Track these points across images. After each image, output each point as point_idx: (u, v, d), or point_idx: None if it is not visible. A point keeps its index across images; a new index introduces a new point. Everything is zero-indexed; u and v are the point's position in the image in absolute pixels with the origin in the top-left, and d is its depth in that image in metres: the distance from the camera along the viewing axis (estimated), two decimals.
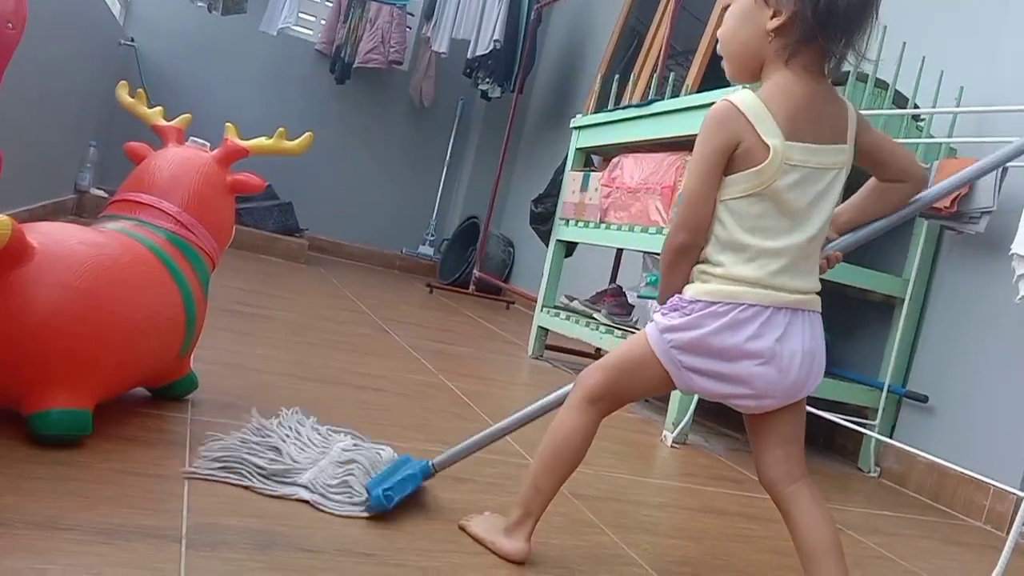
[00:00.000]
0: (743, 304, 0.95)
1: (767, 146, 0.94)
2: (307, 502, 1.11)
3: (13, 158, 2.39)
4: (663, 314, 1.01)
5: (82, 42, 3.34)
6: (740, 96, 0.95)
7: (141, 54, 4.61)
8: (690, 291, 0.99)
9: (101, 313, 1.08)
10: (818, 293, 1.01)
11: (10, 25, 1.29)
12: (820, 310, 1.01)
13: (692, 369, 0.99)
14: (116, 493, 1.00)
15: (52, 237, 1.08)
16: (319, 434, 1.29)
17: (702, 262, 1.00)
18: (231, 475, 1.11)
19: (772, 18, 0.96)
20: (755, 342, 0.95)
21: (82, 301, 1.06)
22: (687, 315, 0.98)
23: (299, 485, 1.13)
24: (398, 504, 1.13)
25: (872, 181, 1.11)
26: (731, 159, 0.96)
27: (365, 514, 1.10)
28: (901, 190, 1.10)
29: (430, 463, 1.23)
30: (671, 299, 1.01)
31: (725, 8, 1.03)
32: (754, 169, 0.95)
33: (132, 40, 4.54)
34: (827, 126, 0.97)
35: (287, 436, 1.24)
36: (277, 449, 1.19)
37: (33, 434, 1.07)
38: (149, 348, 1.19)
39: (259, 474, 1.13)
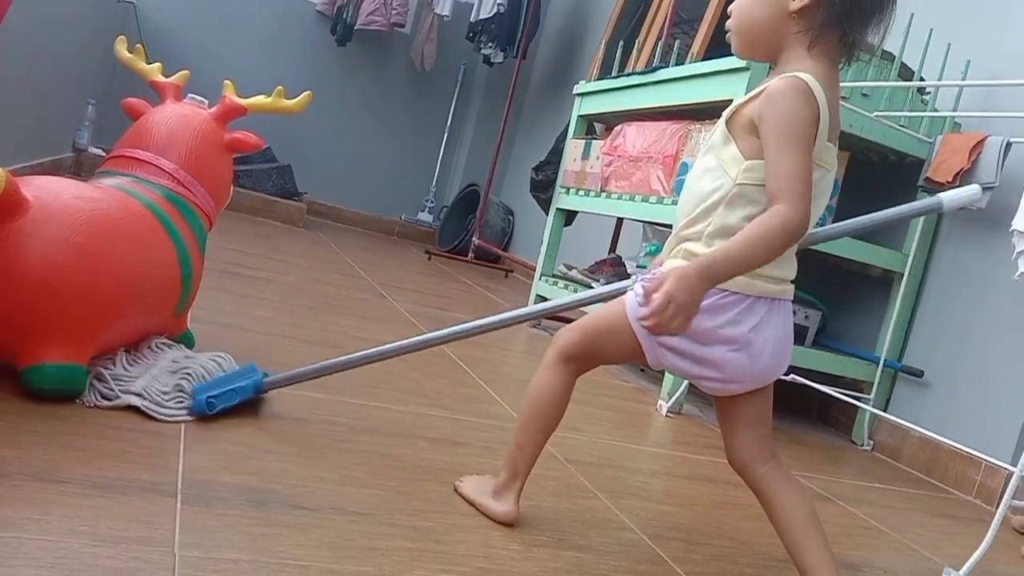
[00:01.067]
0: (725, 291, 0.94)
1: (815, 139, 0.91)
2: (139, 409, 1.13)
3: (10, 115, 2.37)
4: (643, 284, 0.98)
5: (80, 0, 3.29)
6: (810, 79, 0.89)
7: (140, 12, 4.55)
8: (671, 266, 0.96)
9: (95, 268, 1.08)
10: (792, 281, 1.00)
11: None
12: (792, 298, 1.01)
13: (665, 346, 0.98)
14: (112, 448, 1.01)
15: (47, 191, 1.07)
16: (151, 348, 1.28)
17: (691, 240, 0.97)
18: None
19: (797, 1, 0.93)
20: (731, 328, 0.94)
21: (76, 255, 1.06)
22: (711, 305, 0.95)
23: (132, 393, 1.13)
24: (221, 411, 1.18)
25: None
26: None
27: (189, 417, 1.14)
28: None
29: (263, 380, 1.25)
30: (649, 272, 0.99)
31: None
32: None
33: None
34: (837, 124, 0.96)
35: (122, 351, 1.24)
36: (112, 361, 1.19)
37: (28, 388, 1.07)
38: (144, 304, 1.19)
39: (94, 386, 1.13)
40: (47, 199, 1.06)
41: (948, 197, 1.08)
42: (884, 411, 2.17)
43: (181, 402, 1.16)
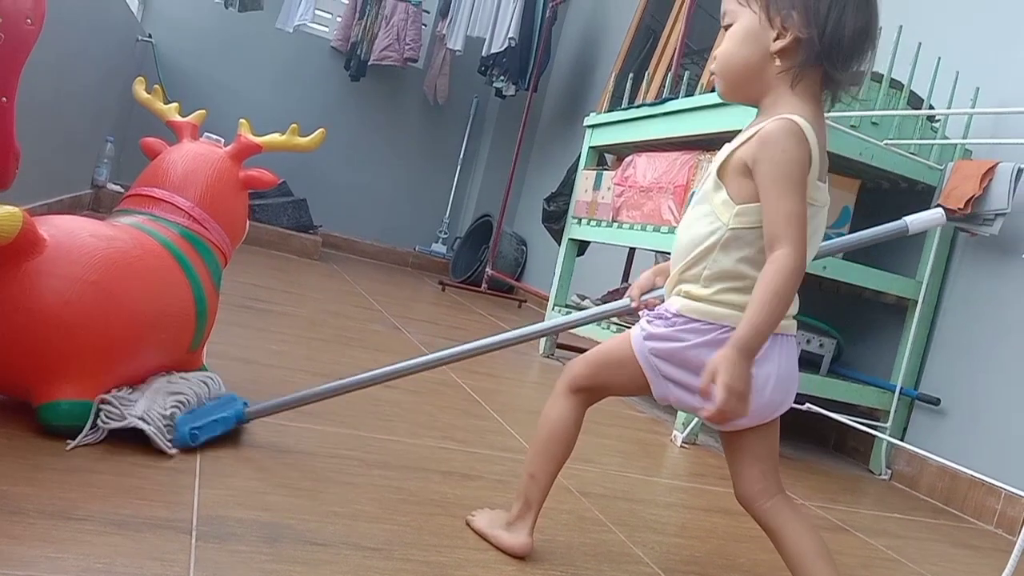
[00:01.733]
0: (726, 326, 0.94)
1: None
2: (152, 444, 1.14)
3: (31, 153, 2.41)
4: (648, 320, 1.00)
5: (100, 38, 3.37)
6: (801, 121, 0.90)
7: (159, 50, 4.65)
8: (675, 305, 0.98)
9: (110, 305, 1.10)
10: (794, 317, 1.00)
11: (29, 21, 1.31)
12: (795, 333, 1.00)
13: (669, 378, 0.99)
14: (128, 485, 1.01)
15: (63, 230, 1.10)
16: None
17: (689, 282, 0.98)
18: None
19: (776, 39, 0.94)
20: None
21: (91, 293, 1.07)
22: (669, 326, 0.98)
23: (135, 416, 1.14)
24: (204, 442, 1.19)
25: None
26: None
27: (174, 450, 1.15)
28: None
29: (244, 410, 1.26)
30: (663, 311, 0.99)
31: (725, 28, 1.00)
32: None
33: (150, 36, 4.58)
34: (826, 162, 0.96)
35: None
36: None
37: (44, 425, 1.08)
38: (159, 341, 1.20)
39: (101, 411, 1.13)
40: (63, 238, 1.08)
41: (912, 220, 1.10)
42: (901, 439, 2.15)
43: (172, 431, 1.17)
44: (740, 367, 0.86)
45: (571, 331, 2.79)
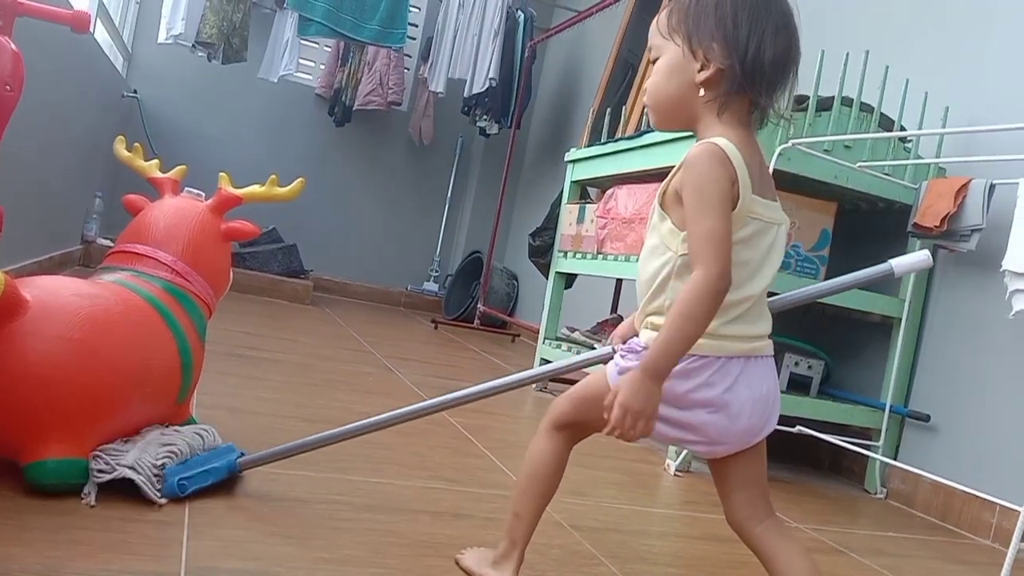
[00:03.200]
0: (694, 356, 0.94)
1: (740, 196, 0.94)
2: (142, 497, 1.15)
3: (19, 212, 2.44)
4: (622, 355, 1.01)
5: (86, 95, 3.41)
6: (723, 142, 0.93)
7: (144, 105, 4.70)
8: (644, 338, 0.99)
9: (94, 363, 1.11)
10: (769, 336, 1.02)
11: (8, 88, 1.33)
12: (772, 353, 1.01)
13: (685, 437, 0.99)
14: (116, 540, 1.02)
15: (46, 290, 1.11)
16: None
17: (655, 314, 0.99)
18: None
19: (700, 71, 0.97)
20: (706, 391, 0.95)
21: (75, 352, 1.09)
22: (640, 359, 0.96)
23: (125, 466, 1.15)
24: (193, 492, 1.19)
25: None
26: None
27: (163, 500, 1.16)
28: None
29: (237, 460, 1.27)
30: (634, 346, 1.00)
31: (653, 62, 1.04)
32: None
33: (135, 92, 4.63)
34: (765, 183, 0.99)
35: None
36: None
37: (31, 484, 1.09)
38: (144, 395, 1.21)
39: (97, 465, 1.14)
40: (46, 298, 1.10)
41: (898, 263, 1.12)
42: (894, 457, 2.16)
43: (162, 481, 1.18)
44: (642, 387, 0.89)
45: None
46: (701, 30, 0.98)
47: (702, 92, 0.98)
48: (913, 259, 1.11)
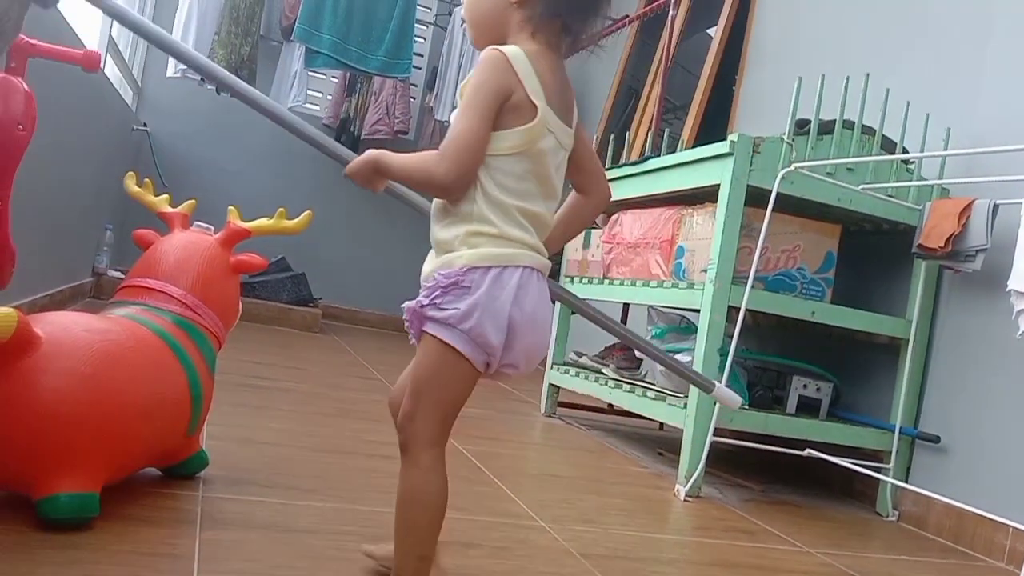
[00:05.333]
0: (520, 266, 0.97)
1: (534, 105, 0.97)
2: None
3: (31, 245, 2.47)
4: (443, 308, 0.97)
5: (96, 129, 3.46)
6: (510, 49, 0.98)
7: (154, 138, 4.76)
8: (463, 259, 0.97)
9: (105, 397, 1.12)
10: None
11: (20, 127, 1.36)
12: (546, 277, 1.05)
13: (489, 349, 0.98)
14: (127, 574, 1.03)
15: (58, 326, 1.13)
16: None
17: (470, 221, 0.98)
18: None
19: None
20: (531, 305, 0.98)
21: (86, 387, 1.10)
22: (470, 292, 0.96)
23: None
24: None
25: (571, 198, 1.13)
26: (500, 112, 0.97)
27: None
28: (590, 203, 1.13)
29: None
30: (440, 280, 0.98)
31: None
32: (523, 127, 0.97)
33: (145, 125, 4.69)
34: (565, 105, 1.03)
35: None
36: None
37: (43, 518, 1.10)
38: (154, 429, 1.22)
39: None
40: (58, 334, 1.11)
41: (719, 390, 1.25)
42: (906, 479, 2.14)
43: None
44: (367, 159, 1.03)
45: (572, 389, 2.80)
46: None
47: (517, 11, 1.02)
48: (729, 395, 1.25)
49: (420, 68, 5.20)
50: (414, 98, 5.32)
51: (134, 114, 4.65)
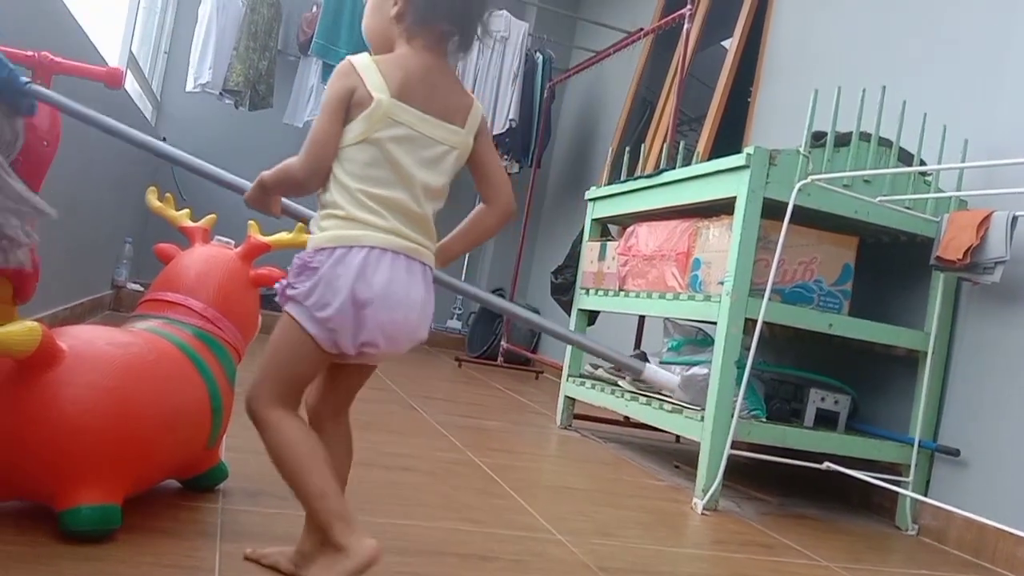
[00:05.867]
0: (366, 247, 1.04)
1: (372, 97, 1.06)
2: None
3: (52, 258, 2.50)
4: (294, 287, 1.06)
5: (117, 144, 3.50)
6: (357, 56, 1.09)
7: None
8: (313, 242, 1.06)
9: (127, 410, 1.14)
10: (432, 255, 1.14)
11: (45, 143, 1.39)
12: (434, 266, 1.15)
13: (337, 328, 1.04)
14: None
15: (81, 339, 1.15)
16: None
17: (325, 207, 1.08)
18: None
19: (394, 6, 1.13)
20: (383, 286, 1.04)
21: (109, 400, 1.12)
22: (316, 271, 1.04)
23: None
24: None
25: (476, 208, 1.23)
26: (349, 109, 1.07)
27: None
28: (492, 214, 1.23)
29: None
30: (296, 262, 1.07)
31: None
32: (362, 115, 1.06)
33: (164, 139, 4.72)
34: (440, 103, 1.11)
35: None
36: None
37: (65, 530, 1.11)
38: (176, 441, 1.23)
39: None
40: (81, 347, 1.13)
41: (648, 371, 1.23)
42: (925, 493, 2.13)
43: None
44: (255, 187, 1.16)
45: (587, 401, 2.80)
46: None
47: (396, 25, 1.13)
48: (664, 377, 1.24)
49: None
50: None
51: (153, 128, 4.71)
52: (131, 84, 3.96)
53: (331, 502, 1.03)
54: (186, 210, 1.56)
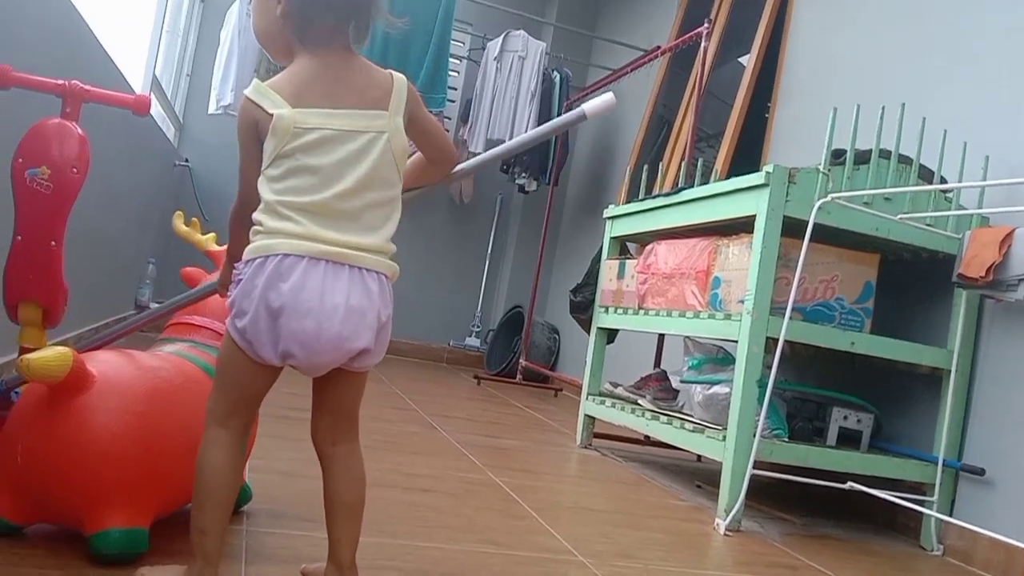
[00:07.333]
0: (279, 254, 1.02)
1: (272, 116, 1.05)
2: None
3: (77, 280, 2.54)
4: (231, 304, 1.07)
5: (141, 166, 3.56)
6: (252, 87, 1.08)
7: (195, 173, 4.87)
8: (244, 255, 1.07)
9: (156, 434, 1.15)
10: (387, 254, 1.13)
11: (75, 170, 1.41)
12: (383, 271, 1.11)
13: (253, 339, 1.03)
14: None
15: (110, 364, 1.17)
16: None
17: (253, 226, 1.08)
18: None
19: (278, 5, 1.11)
20: (297, 293, 1.02)
21: (138, 424, 1.13)
22: (239, 284, 1.05)
23: None
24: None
25: (418, 156, 1.25)
26: (261, 139, 1.07)
27: None
28: (438, 171, 1.27)
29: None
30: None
31: None
32: (269, 135, 1.05)
33: (187, 161, 4.81)
34: (351, 94, 1.09)
35: None
36: None
37: (95, 553, 1.12)
38: None
39: None
40: (110, 372, 1.15)
41: (589, 106, 1.26)
42: (950, 512, 2.10)
43: None
44: (225, 268, 1.18)
45: (608, 420, 2.79)
46: None
47: (283, 25, 1.11)
48: (600, 101, 1.26)
49: (454, 101, 5.27)
50: (448, 130, 5.39)
51: (176, 150, 4.77)
52: (154, 107, 4.02)
53: (207, 541, 1.05)
54: (211, 234, 1.58)
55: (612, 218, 3.05)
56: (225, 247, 1.55)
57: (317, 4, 1.09)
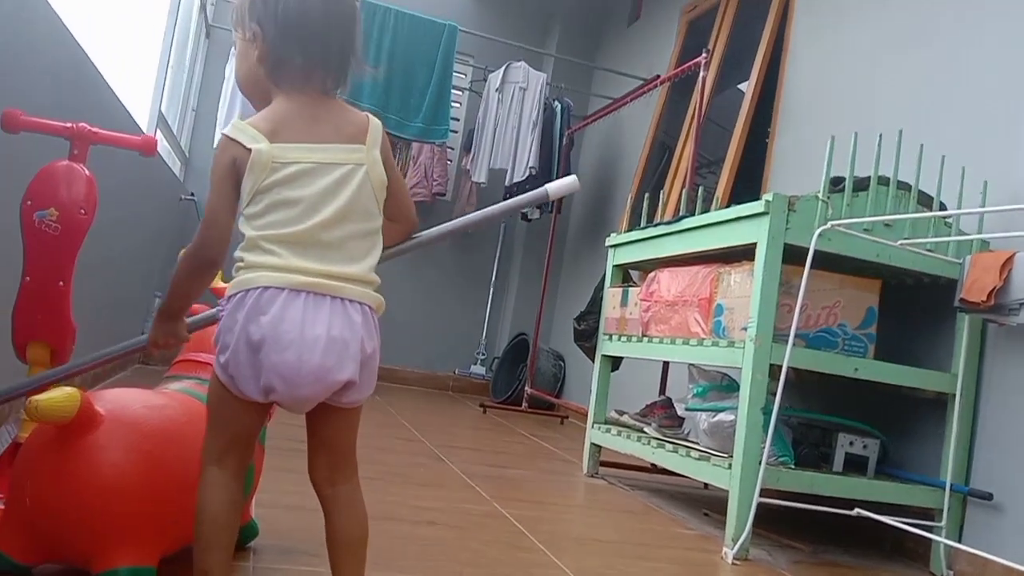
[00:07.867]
0: (259, 287, 1.02)
1: (250, 151, 1.05)
2: None
3: (84, 314, 2.56)
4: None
5: (147, 201, 3.59)
6: (231, 125, 1.08)
7: (200, 207, 4.91)
8: (227, 291, 1.07)
9: (163, 472, 1.16)
10: (371, 284, 1.12)
11: (83, 211, 1.44)
12: (367, 302, 1.09)
13: (235, 373, 1.03)
14: None
15: (117, 403, 1.18)
16: None
17: (237, 263, 1.08)
18: None
19: (255, 50, 1.12)
20: (276, 325, 1.01)
21: (145, 463, 1.14)
22: (223, 320, 1.05)
23: None
24: None
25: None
26: (238, 177, 1.07)
27: None
28: (400, 226, 1.24)
29: None
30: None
31: None
32: (247, 171, 1.06)
33: (192, 195, 4.85)
34: (328, 128, 1.10)
35: None
36: None
37: None
38: None
39: None
40: (117, 411, 1.16)
41: (552, 186, 1.31)
42: (959, 538, 2.09)
43: None
44: (157, 324, 1.16)
45: (614, 449, 2.79)
46: (246, 17, 1.13)
47: (261, 69, 1.12)
48: (564, 183, 1.32)
49: (456, 132, 5.33)
50: (451, 161, 5.44)
51: (181, 184, 4.81)
52: (160, 143, 4.07)
53: None
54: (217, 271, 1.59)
55: (614, 246, 3.07)
56: (227, 284, 1.57)
57: (289, 44, 1.10)
